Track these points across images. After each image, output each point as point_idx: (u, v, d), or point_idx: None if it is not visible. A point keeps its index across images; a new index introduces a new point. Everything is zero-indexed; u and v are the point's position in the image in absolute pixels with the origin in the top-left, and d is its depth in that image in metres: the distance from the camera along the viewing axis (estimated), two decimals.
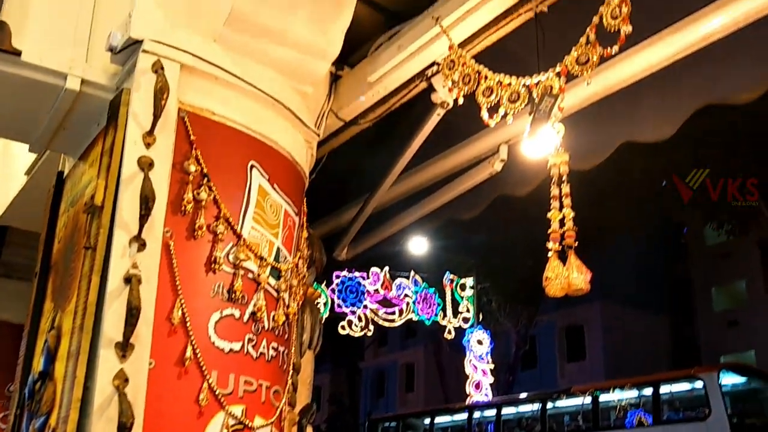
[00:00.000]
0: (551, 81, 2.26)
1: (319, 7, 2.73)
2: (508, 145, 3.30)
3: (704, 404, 8.67)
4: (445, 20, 2.75)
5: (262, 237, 2.62)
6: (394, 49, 3.05)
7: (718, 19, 2.47)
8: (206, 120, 2.56)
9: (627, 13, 2.03)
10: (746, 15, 2.37)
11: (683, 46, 2.62)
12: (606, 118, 2.90)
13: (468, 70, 2.57)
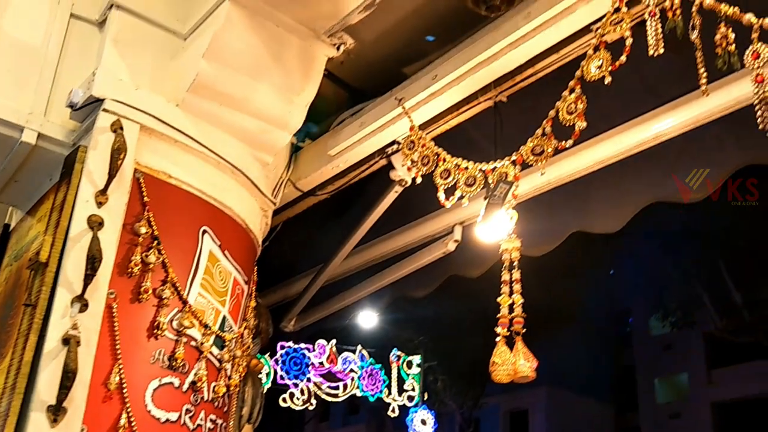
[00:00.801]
0: (507, 168, 2.31)
1: (286, 80, 2.77)
2: (462, 226, 3.34)
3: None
4: (407, 102, 2.81)
5: (209, 304, 2.57)
6: (356, 126, 3.10)
7: (669, 120, 2.57)
8: (162, 182, 2.54)
9: (582, 110, 2.10)
10: (696, 118, 2.48)
11: (634, 143, 2.72)
12: (558, 207, 2.96)
13: (427, 152, 2.61)
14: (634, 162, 2.77)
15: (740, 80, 2.20)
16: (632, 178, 2.80)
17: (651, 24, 1.92)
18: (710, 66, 1.84)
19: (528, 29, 2.44)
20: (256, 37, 2.66)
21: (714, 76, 1.90)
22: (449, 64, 2.72)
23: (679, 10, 1.88)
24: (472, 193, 2.39)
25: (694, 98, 2.48)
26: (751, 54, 1.71)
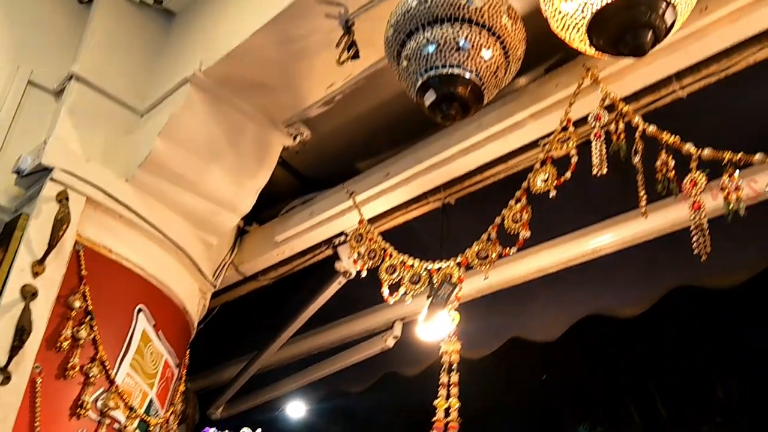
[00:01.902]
0: (452, 269, 2.34)
1: (240, 164, 2.79)
2: (403, 323, 3.34)
3: None
4: (358, 196, 2.85)
5: (137, 386, 2.49)
6: (306, 214, 3.12)
7: (608, 236, 2.66)
8: (102, 257, 2.49)
9: (526, 220, 2.17)
10: (633, 237, 2.58)
11: (574, 255, 2.80)
12: (499, 311, 3.00)
13: (374, 246, 2.63)
14: (573, 273, 2.84)
15: (677, 204, 2.29)
16: (570, 290, 2.87)
17: (596, 145, 2.03)
18: (650, 188, 1.94)
19: (479, 138, 2.53)
20: (214, 121, 2.70)
21: (653, 198, 2.00)
22: (402, 164, 2.79)
23: (623, 135, 1.99)
24: (416, 291, 2.41)
25: (633, 217, 2.59)
26: (689, 182, 1.81)
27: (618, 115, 2.02)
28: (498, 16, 1.89)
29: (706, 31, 2.08)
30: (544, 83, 2.39)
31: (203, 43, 2.75)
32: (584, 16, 1.60)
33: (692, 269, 2.47)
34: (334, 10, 2.44)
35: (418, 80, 1.89)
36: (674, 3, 1.58)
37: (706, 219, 1.80)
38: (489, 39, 1.88)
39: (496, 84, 1.96)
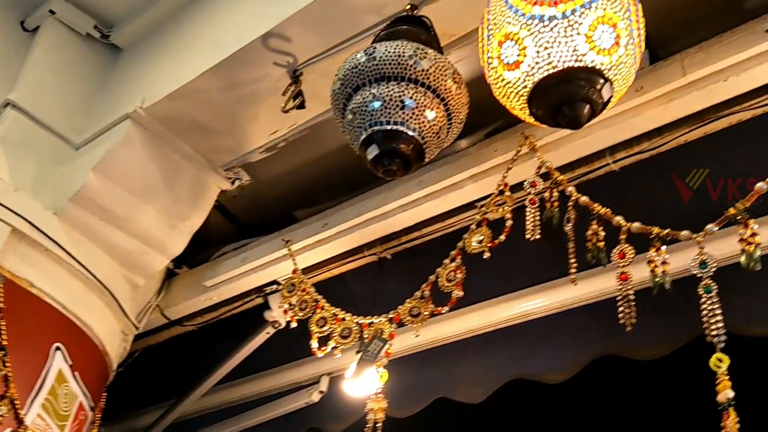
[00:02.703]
0: (383, 325, 2.32)
1: (174, 205, 2.75)
2: (329, 378, 3.28)
3: None
4: (294, 245, 2.83)
5: (47, 427, 2.38)
6: (238, 260, 3.07)
7: (538, 301, 2.69)
8: (22, 290, 2.40)
9: (460, 280, 2.19)
10: (562, 303, 2.61)
11: (504, 317, 2.81)
12: (427, 370, 2.98)
13: (306, 297, 2.60)
14: (502, 336, 2.86)
15: (606, 273, 2.34)
16: (498, 352, 2.87)
17: (530, 211, 2.07)
18: (581, 257, 1.98)
19: (419, 195, 2.56)
20: (151, 160, 2.66)
21: (583, 266, 2.03)
22: (340, 215, 2.79)
23: (557, 203, 2.04)
24: (346, 345, 2.38)
25: (563, 284, 2.63)
26: (617, 253, 1.86)
27: (553, 183, 2.07)
28: (443, 79, 1.93)
29: (639, 110, 2.17)
30: (483, 147, 2.44)
31: (148, 80, 2.72)
32: (526, 86, 1.65)
33: (619, 339, 2.50)
34: (282, 59, 2.46)
35: (362, 134, 1.91)
36: (612, 80, 1.64)
37: (633, 290, 1.84)
38: (433, 100, 1.92)
39: (438, 144, 1.99)
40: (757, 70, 1.98)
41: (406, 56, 1.90)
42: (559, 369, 2.65)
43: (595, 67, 1.60)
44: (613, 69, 1.62)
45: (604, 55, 1.60)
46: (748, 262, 1.64)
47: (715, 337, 1.61)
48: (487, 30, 1.72)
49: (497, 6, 1.69)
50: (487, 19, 1.72)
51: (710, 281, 1.67)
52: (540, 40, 1.59)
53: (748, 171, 1.99)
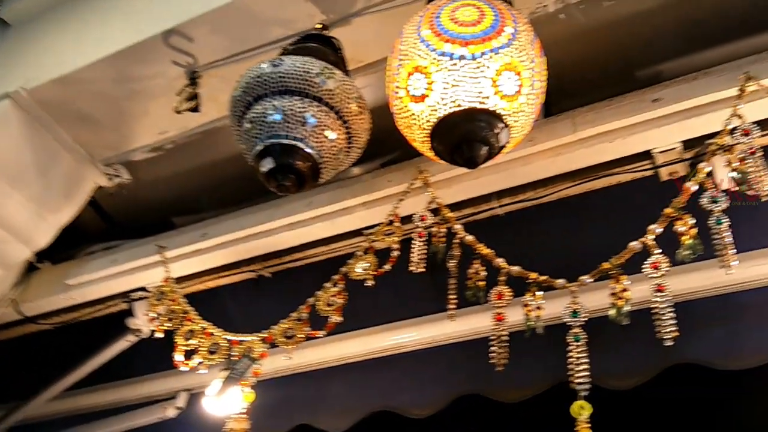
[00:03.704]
0: (255, 344, 2.26)
1: (45, 196, 2.58)
2: (189, 394, 3.15)
3: None
4: (169, 252, 2.72)
5: None
6: (107, 261, 2.91)
7: (412, 334, 2.71)
8: None
9: (340, 305, 2.16)
10: (434, 338, 2.64)
11: (376, 348, 2.81)
12: (294, 395, 2.93)
13: (176, 307, 2.49)
14: (372, 366, 2.85)
15: (480, 313, 2.38)
16: (367, 382, 2.86)
17: (416, 244, 2.08)
18: (461, 294, 2.00)
19: (307, 216, 2.52)
20: (27, 144, 2.49)
21: (460, 304, 2.06)
22: (222, 227, 2.71)
23: (443, 238, 2.06)
24: (212, 361, 2.29)
25: (438, 319, 2.66)
26: (495, 294, 1.89)
27: (441, 219, 2.09)
28: (348, 101, 1.92)
29: (529, 160, 2.24)
30: (378, 176, 2.45)
31: (35, 61, 2.56)
32: (429, 120, 1.66)
33: (486, 379, 2.55)
34: (182, 58, 2.39)
35: (258, 145, 1.86)
36: (511, 126, 1.68)
37: (506, 332, 1.88)
38: (336, 121, 1.91)
39: (335, 166, 1.97)
40: (642, 136, 2.10)
41: (312, 73, 1.88)
42: (424, 404, 2.67)
43: (496, 111, 1.64)
44: (513, 115, 1.67)
45: (507, 101, 1.64)
46: (617, 316, 1.71)
47: (579, 385, 1.66)
48: (398, 60, 1.72)
49: (410, 38, 1.70)
50: (399, 50, 1.73)
51: (580, 330, 1.73)
52: (448, 77, 1.61)
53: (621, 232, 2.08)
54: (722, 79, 2.00)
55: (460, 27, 1.64)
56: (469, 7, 1.69)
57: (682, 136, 2.09)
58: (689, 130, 2.06)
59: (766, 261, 2.23)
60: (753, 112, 1.83)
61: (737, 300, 2.28)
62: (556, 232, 2.44)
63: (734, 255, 1.65)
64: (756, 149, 1.75)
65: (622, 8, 2.14)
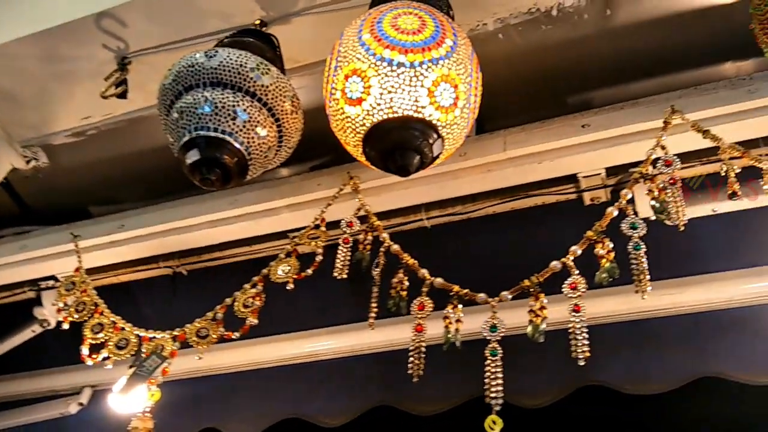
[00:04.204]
0: (165, 341, 2.18)
1: None
2: (93, 390, 3.03)
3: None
4: (83, 241, 2.60)
5: None
6: (16, 247, 2.78)
7: (327, 343, 2.69)
8: None
9: (258, 307, 2.11)
10: (352, 348, 2.63)
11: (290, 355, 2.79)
12: (202, 397, 2.86)
13: (86, 299, 2.38)
14: (287, 373, 2.81)
15: (399, 325, 2.37)
16: (279, 389, 2.82)
17: (342, 250, 2.05)
18: (381, 304, 1.98)
19: (230, 215, 2.46)
20: None
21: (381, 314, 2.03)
22: (141, 219, 2.61)
23: (369, 246, 2.04)
24: (120, 357, 2.19)
25: (355, 329, 2.64)
26: (417, 304, 1.88)
27: (369, 227, 2.07)
28: (282, 99, 1.89)
29: (460, 174, 2.25)
30: (307, 179, 2.41)
31: None
32: (364, 124, 1.65)
33: (400, 391, 2.55)
34: (113, 42, 2.31)
35: (185, 136, 1.80)
36: (444, 138, 1.68)
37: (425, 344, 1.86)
38: (268, 119, 1.87)
39: (263, 164, 1.94)
40: (569, 160, 2.14)
41: (248, 68, 1.85)
42: (335, 413, 2.64)
43: (431, 121, 1.63)
44: (447, 127, 1.67)
45: (442, 113, 1.64)
46: (533, 333, 1.72)
47: (492, 399, 1.66)
48: (336, 61, 1.70)
49: (350, 40, 1.68)
50: (338, 51, 1.71)
51: (497, 345, 1.74)
52: (386, 83, 1.60)
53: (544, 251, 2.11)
54: (649, 110, 2.05)
55: (400, 34, 1.64)
56: (412, 15, 1.68)
57: (607, 163, 2.14)
58: (614, 158, 2.12)
59: (677, 290, 2.30)
60: (676, 145, 1.89)
61: (648, 327, 2.35)
62: (481, 247, 2.46)
63: (649, 281, 1.68)
64: (676, 180, 1.80)
65: (558, 34, 2.18)
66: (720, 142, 1.80)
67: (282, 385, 2.82)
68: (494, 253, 2.44)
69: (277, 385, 2.82)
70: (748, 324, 2.28)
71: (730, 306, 2.29)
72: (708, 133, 1.84)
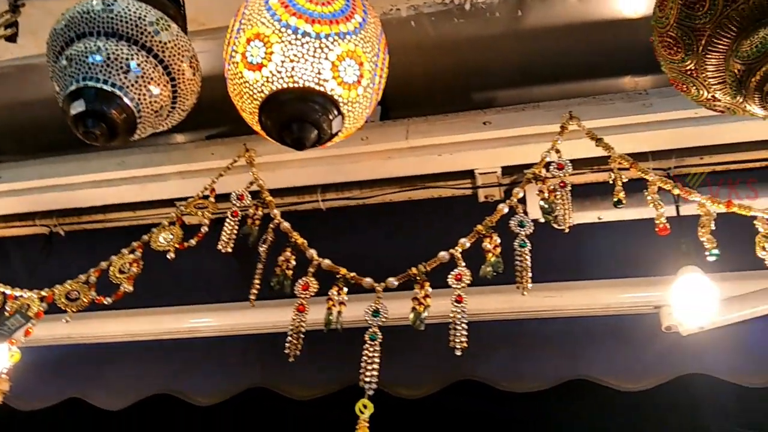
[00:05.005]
0: (32, 301, 2.04)
1: None
2: None
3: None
4: None
5: None
6: None
7: (206, 320, 2.62)
8: None
9: (134, 274, 2.00)
10: (232, 326, 2.56)
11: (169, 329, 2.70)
12: (67, 366, 2.73)
13: None
14: (162, 347, 2.72)
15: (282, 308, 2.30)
16: (153, 362, 2.72)
17: (229, 223, 1.98)
18: (265, 283, 1.92)
19: (116, 176, 2.34)
20: None
21: (265, 295, 1.96)
22: (19, 173, 2.46)
23: (259, 221, 1.98)
24: None
25: (240, 308, 2.57)
26: (302, 284, 1.84)
27: (260, 202, 2.01)
28: (180, 59, 1.81)
29: (360, 158, 2.23)
30: (201, 147, 2.33)
31: None
32: (262, 91, 1.59)
33: (277, 374, 2.50)
34: None
35: (71, 85, 1.69)
36: (345, 115, 1.65)
37: (305, 325, 1.82)
38: (162, 76, 1.78)
39: (153, 124, 1.84)
40: (468, 155, 2.15)
41: (146, 21, 1.75)
42: (209, 392, 2.58)
43: (333, 97, 1.59)
44: (348, 105, 1.63)
45: (344, 89, 1.60)
46: (415, 320, 1.72)
47: (366, 384, 1.64)
48: (240, 23, 1.64)
49: (256, 3, 1.62)
50: (243, 13, 1.65)
51: (377, 330, 1.72)
52: (289, 51, 1.55)
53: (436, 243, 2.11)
54: (548, 114, 2.09)
55: (309, 3, 1.59)
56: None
57: (504, 162, 2.17)
58: (511, 157, 2.15)
59: (558, 294, 2.36)
60: (570, 150, 1.92)
61: (528, 327, 2.40)
62: (374, 234, 2.44)
63: (530, 279, 1.70)
64: (567, 183, 1.83)
65: (470, 29, 2.19)
66: (611, 151, 1.84)
67: (156, 360, 2.72)
68: (387, 240, 2.43)
69: (150, 359, 2.72)
70: (621, 332, 2.37)
71: (606, 313, 2.37)
72: (601, 141, 1.88)
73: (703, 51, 1.51)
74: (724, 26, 1.45)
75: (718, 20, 1.46)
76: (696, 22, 1.48)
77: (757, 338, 2.32)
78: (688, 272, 2.06)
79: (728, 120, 1.94)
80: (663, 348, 2.31)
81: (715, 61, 1.51)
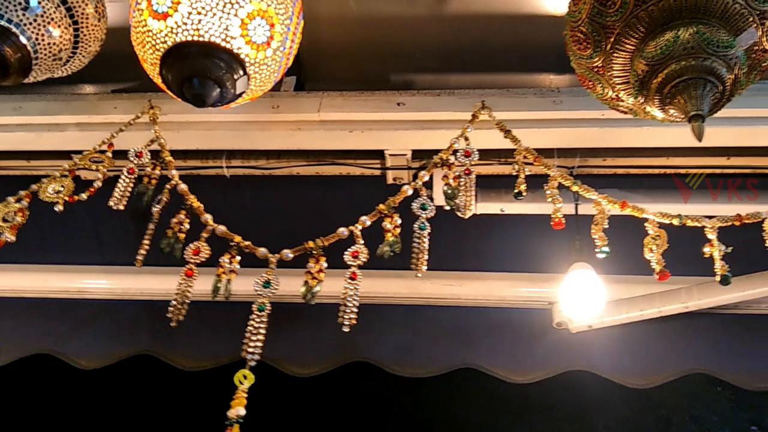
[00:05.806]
0: None
1: None
2: None
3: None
4: None
5: None
6: None
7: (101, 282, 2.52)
8: None
9: (18, 224, 1.85)
10: (124, 290, 2.46)
11: (60, 288, 2.59)
12: None
13: None
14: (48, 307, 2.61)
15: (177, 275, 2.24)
16: (36, 322, 2.61)
17: (124, 180, 1.89)
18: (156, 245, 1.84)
19: (10, 121, 2.20)
20: None
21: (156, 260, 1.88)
22: None
23: (155, 181, 1.90)
24: None
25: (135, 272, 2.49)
26: (193, 248, 1.77)
27: (159, 161, 1.93)
28: (85, 2, 1.72)
29: (269, 127, 2.17)
30: (104, 99, 2.22)
31: None
32: (165, 42, 1.53)
33: (166, 342, 2.43)
34: None
35: None
36: (251, 77, 1.60)
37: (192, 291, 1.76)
38: (64, 18, 1.70)
39: (50, 68, 1.75)
40: (379, 134, 2.13)
41: None
42: (94, 356, 2.49)
43: (239, 55, 1.54)
44: (255, 66, 1.59)
45: (253, 49, 1.56)
46: (306, 294, 1.68)
47: (249, 354, 1.60)
48: None
49: None
50: None
51: (266, 301, 1.67)
52: (196, 2, 1.49)
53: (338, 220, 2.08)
54: (462, 101, 2.09)
55: None
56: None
57: (415, 145, 2.16)
58: (422, 141, 2.13)
59: (457, 283, 2.38)
60: (479, 139, 1.92)
61: (424, 313, 2.41)
62: (278, 206, 2.40)
63: (426, 261, 1.69)
64: (471, 171, 1.83)
65: (393, 8, 2.16)
66: (518, 144, 1.85)
67: (41, 319, 2.60)
68: (290, 213, 2.39)
69: (35, 317, 2.60)
70: (514, 325, 2.40)
71: (501, 306, 2.40)
72: (509, 133, 1.89)
73: (611, 49, 1.53)
74: (633, 26, 1.48)
75: (627, 19, 1.48)
76: (607, 19, 1.50)
77: (643, 340, 2.39)
78: (579, 269, 2.10)
79: (632, 124, 1.99)
80: (552, 343, 2.35)
81: (622, 60, 1.54)
